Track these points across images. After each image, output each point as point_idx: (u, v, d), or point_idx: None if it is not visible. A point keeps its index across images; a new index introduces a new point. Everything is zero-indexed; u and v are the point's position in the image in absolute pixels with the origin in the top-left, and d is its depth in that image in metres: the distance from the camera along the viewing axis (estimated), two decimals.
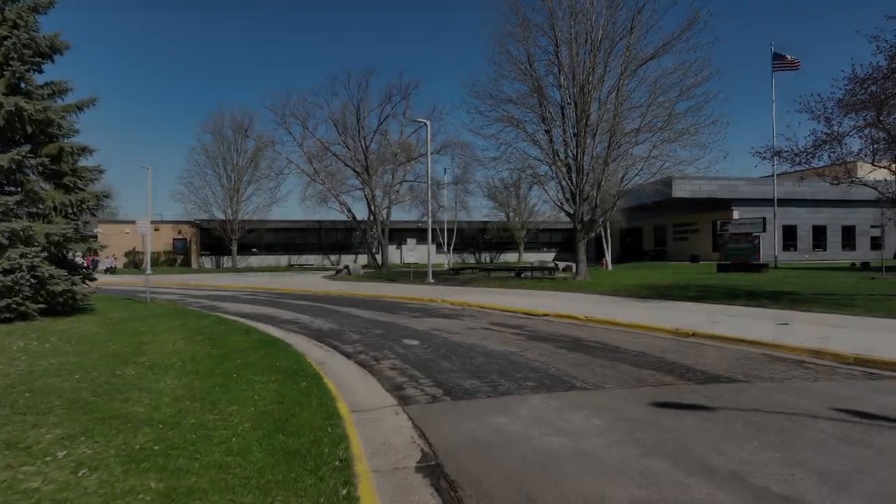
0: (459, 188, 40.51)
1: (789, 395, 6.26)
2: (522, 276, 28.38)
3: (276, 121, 32.49)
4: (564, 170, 23.73)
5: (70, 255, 13.71)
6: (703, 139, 21.23)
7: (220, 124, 41.88)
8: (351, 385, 7.09)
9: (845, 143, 13.18)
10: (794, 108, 20.20)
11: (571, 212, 24.48)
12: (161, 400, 5.49)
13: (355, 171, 33.44)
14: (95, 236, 19.91)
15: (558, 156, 23.99)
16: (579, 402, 6.05)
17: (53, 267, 11.49)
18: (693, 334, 10.54)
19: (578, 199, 23.73)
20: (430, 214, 27.36)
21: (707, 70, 21.26)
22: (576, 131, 23.35)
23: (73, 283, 11.81)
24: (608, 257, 34.17)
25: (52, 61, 13.25)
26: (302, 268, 47.06)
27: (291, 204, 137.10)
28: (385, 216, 34.10)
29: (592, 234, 24.76)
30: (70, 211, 12.18)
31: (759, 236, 26.73)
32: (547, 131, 24.11)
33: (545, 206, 51.72)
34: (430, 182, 26.85)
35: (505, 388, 6.70)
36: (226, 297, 20.74)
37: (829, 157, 13.57)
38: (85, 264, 17.00)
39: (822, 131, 13.39)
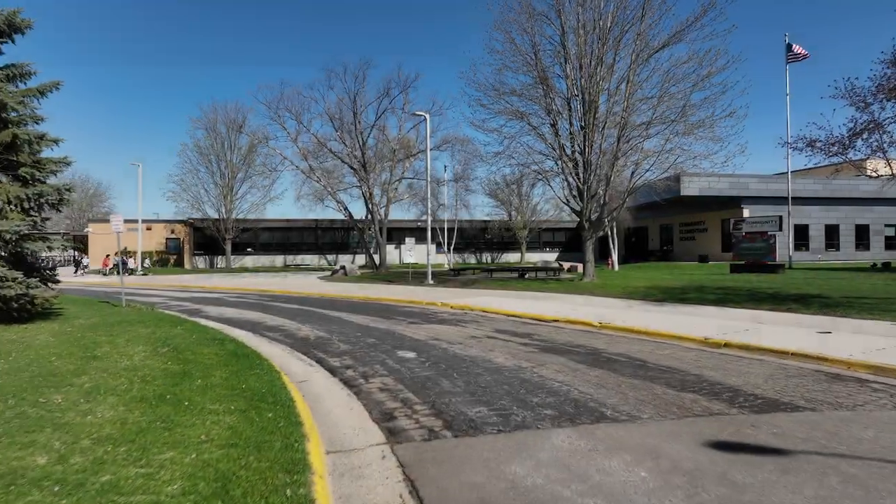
0: (460, 186, 39.30)
1: (875, 429, 5.02)
2: (526, 276, 27.14)
3: (269, 116, 31.26)
4: (571, 165, 22.48)
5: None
6: (719, 132, 19.99)
7: (212, 120, 40.62)
8: (331, 413, 5.86)
9: (889, 132, 11.95)
10: (812, 99, 18.93)
11: (578, 209, 23.23)
12: (77, 443, 4.25)
13: (352, 167, 32.17)
14: (65, 234, 18.58)
15: (564, 151, 22.74)
16: (615, 440, 4.80)
17: (6, 268, 10.26)
18: (725, 344, 9.30)
19: (586, 196, 22.48)
20: (429, 212, 26.12)
21: (723, 59, 20.00)
22: (583, 124, 22.10)
23: (30, 287, 10.56)
24: (615, 257, 32.93)
25: (12, 41, 12.01)
26: (298, 268, 45.82)
27: (288, 202, 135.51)
28: (383, 215, 32.85)
29: (601, 233, 23.50)
30: (27, 206, 10.93)
31: (774, 235, 25.48)
32: (552, 125, 22.85)
33: (548, 204, 50.57)
34: (429, 179, 25.61)
35: (519, 418, 5.46)
36: (211, 300, 19.50)
37: (869, 147, 12.34)
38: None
39: (859, 119, 12.16)
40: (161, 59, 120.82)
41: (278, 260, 47.57)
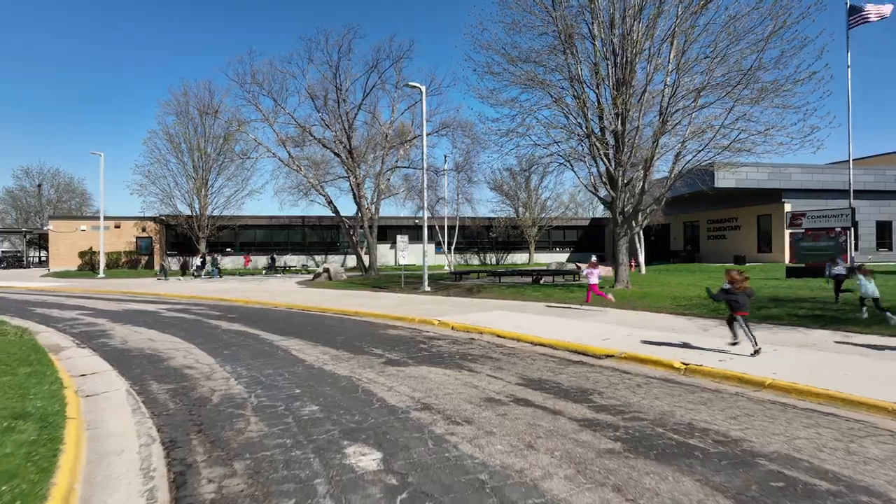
0: (462, 178, 34.74)
1: None
2: (542, 281, 22.70)
3: (243, 96, 26.84)
4: (600, 146, 17.97)
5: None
6: (795, 100, 15.52)
7: (183, 103, 35.99)
8: None
9: None
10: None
11: (609, 200, 18.80)
12: None
13: (336, 154, 27.71)
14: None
15: (592, 128, 18.26)
16: None
17: None
18: None
19: (620, 183, 18.04)
20: (425, 204, 21.69)
21: (797, 8, 15.55)
22: (616, 94, 17.62)
23: None
24: (641, 258, 28.48)
25: None
26: (284, 270, 41.35)
27: (273, 198, 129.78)
28: (373, 210, 28.42)
29: (637, 229, 19.06)
30: None
31: (845, 232, 21.02)
32: (576, 96, 18.37)
33: (559, 199, 46.18)
34: (425, 165, 21.17)
35: None
36: (141, 314, 15.07)
37: None
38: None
39: None
40: (129, 40, 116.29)
41: (261, 261, 43.05)
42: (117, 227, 41.62)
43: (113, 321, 13.59)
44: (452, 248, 37.45)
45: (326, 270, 28.19)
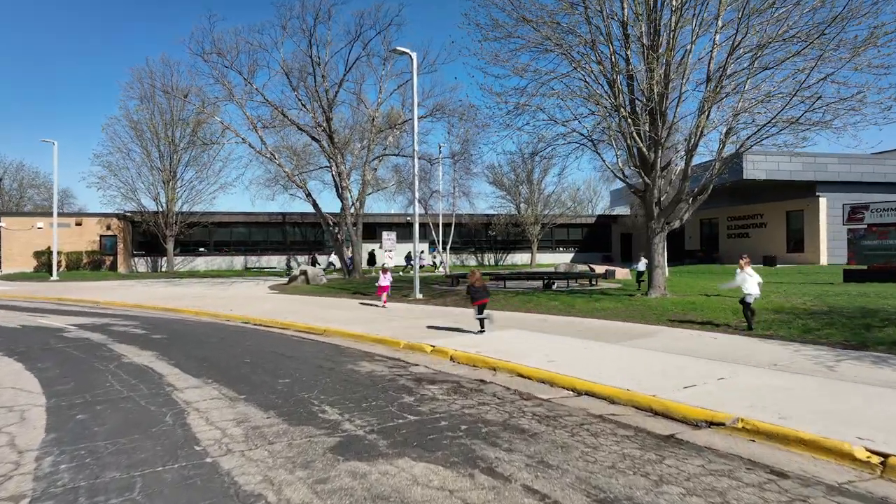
0: (459, 167, 31.15)
1: None
2: (555, 287, 19.19)
3: (211, 73, 23.12)
4: (632, 121, 14.42)
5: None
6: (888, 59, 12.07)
7: (148, 86, 32.04)
8: None
9: None
10: None
11: (642, 189, 15.34)
12: None
13: (314, 138, 24.07)
14: None
15: (623, 102, 14.73)
16: None
17: None
18: None
19: (657, 167, 14.58)
20: (416, 195, 18.10)
21: None
22: (649, 59, 14.10)
23: None
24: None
25: None
26: (261, 271, 37.70)
27: (245, 190, 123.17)
28: (358, 204, 24.84)
29: (677, 224, 15.60)
30: None
31: None
32: (599, 61, 14.83)
33: (564, 194, 42.77)
34: (416, 144, 17.57)
35: None
36: (35, 333, 11.42)
37: None
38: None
39: None
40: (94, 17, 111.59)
41: (237, 262, 39.37)
42: (79, 224, 37.75)
43: None
44: (448, 247, 33.91)
45: (304, 273, 24.57)
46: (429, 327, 11.26)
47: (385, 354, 9.02)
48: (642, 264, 12.35)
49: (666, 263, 15.66)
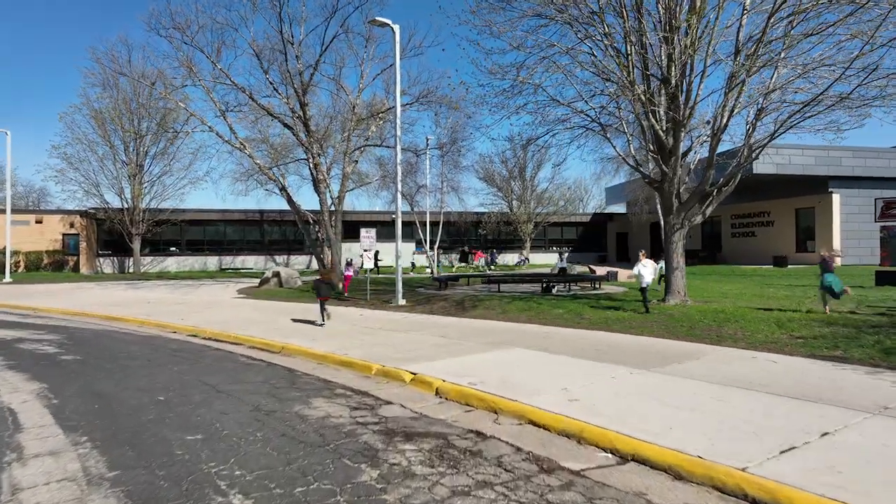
0: (447, 160, 29.01)
1: None
2: (554, 290, 17.14)
3: (175, 56, 20.78)
4: (646, 99, 12.34)
5: None
6: None
7: (113, 72, 29.32)
8: None
9: None
10: None
11: (658, 179, 13.32)
12: None
13: (287, 126, 21.82)
14: None
15: (634, 77, 12.66)
16: None
17: None
18: None
19: (677, 153, 12.57)
20: (398, 186, 15.94)
21: None
22: (668, 28, 12.08)
23: None
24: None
25: None
26: (237, 272, 35.30)
27: (216, 184, 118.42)
28: (338, 200, 22.65)
29: (698, 220, 13.58)
30: None
31: None
32: (606, 34, 12.75)
33: (557, 191, 40.83)
34: (399, 130, 15.40)
35: None
36: None
37: None
38: None
39: None
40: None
41: (211, 262, 36.87)
42: (39, 222, 35.09)
43: None
44: (436, 246, 31.77)
45: (276, 275, 22.33)
46: (409, 344, 9.14)
47: (350, 386, 6.87)
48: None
49: (684, 265, 13.61)
